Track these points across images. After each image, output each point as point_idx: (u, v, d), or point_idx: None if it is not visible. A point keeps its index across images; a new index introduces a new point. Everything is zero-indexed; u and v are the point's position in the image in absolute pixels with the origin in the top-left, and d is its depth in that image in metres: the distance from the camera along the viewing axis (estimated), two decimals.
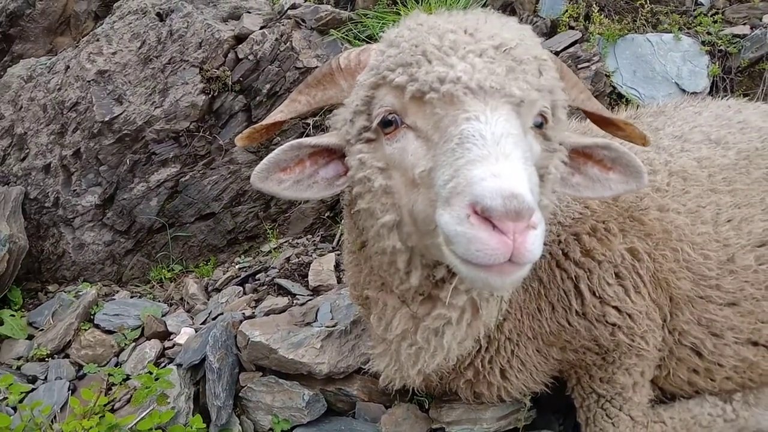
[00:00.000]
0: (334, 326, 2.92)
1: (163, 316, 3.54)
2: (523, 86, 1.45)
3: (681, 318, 2.26)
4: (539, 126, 1.55)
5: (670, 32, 4.46)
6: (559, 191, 1.73)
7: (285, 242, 4.32)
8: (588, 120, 2.06)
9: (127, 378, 2.96)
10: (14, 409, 2.67)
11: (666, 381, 2.44)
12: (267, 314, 3.13)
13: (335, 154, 1.72)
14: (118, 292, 4.11)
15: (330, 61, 1.82)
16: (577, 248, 2.19)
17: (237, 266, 4.11)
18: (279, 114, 1.86)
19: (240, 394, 2.85)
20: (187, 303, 3.74)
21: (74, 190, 4.46)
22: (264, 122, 1.86)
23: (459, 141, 1.35)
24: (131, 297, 3.93)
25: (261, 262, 4.07)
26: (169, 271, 4.35)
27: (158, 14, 4.63)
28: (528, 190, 1.26)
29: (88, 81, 4.46)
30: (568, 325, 2.22)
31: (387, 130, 1.53)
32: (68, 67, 4.62)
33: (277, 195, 1.71)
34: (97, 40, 4.58)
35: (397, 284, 1.78)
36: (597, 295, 2.17)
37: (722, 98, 3.00)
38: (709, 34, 4.41)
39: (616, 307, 2.18)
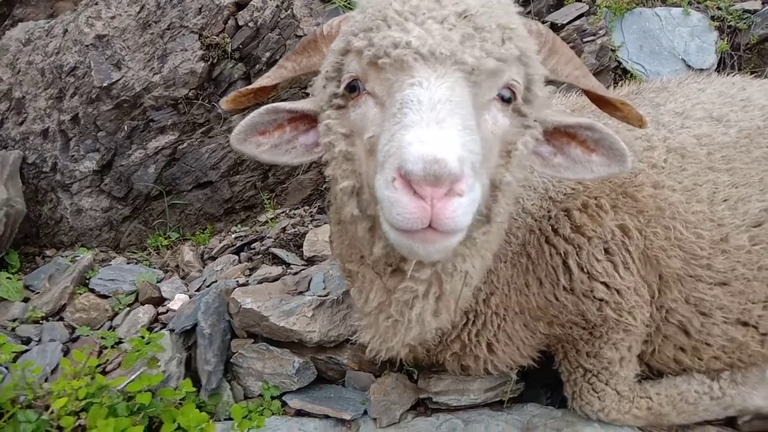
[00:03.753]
0: (326, 295, 2.93)
1: (158, 282, 3.57)
2: (478, 54, 1.42)
3: (669, 296, 2.25)
4: (508, 100, 1.53)
5: (680, 6, 4.35)
6: (540, 170, 1.72)
7: (282, 213, 4.32)
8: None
9: (120, 342, 2.99)
10: (6, 368, 2.71)
11: (652, 358, 2.44)
12: (260, 282, 3.15)
13: (315, 121, 1.71)
14: (115, 258, 4.13)
15: (317, 28, 1.80)
16: (567, 224, 2.17)
17: (233, 235, 4.12)
18: (266, 79, 1.86)
19: (231, 360, 2.88)
20: (183, 270, 3.76)
21: (72, 156, 4.45)
22: (250, 86, 1.86)
23: (399, 106, 1.36)
24: (127, 263, 3.95)
25: (257, 231, 4.08)
26: (165, 238, 4.36)
27: None
28: (455, 157, 1.24)
29: (87, 45, 4.41)
30: (555, 300, 2.21)
31: (353, 96, 1.54)
32: (66, 30, 4.57)
33: (255, 158, 1.73)
34: (96, 3, 4.51)
35: (367, 255, 1.78)
36: (585, 270, 2.16)
37: (729, 75, 2.93)
38: (719, 9, 4.31)
39: (604, 283, 2.17)
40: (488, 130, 1.49)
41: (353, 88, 1.54)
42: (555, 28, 4.35)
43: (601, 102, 1.87)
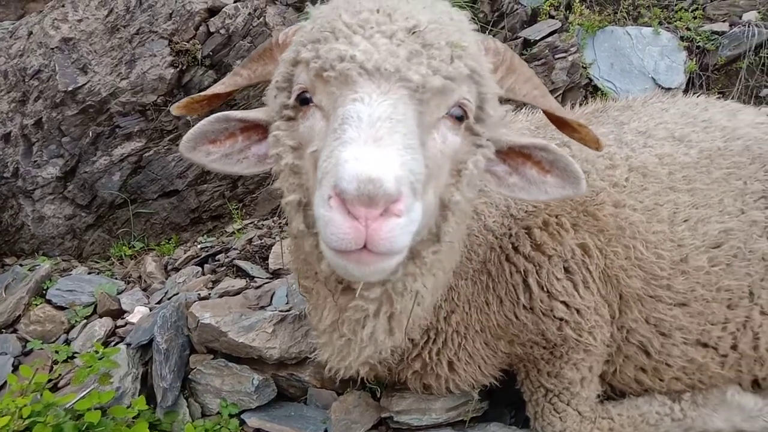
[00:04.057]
0: (288, 311, 2.87)
1: (118, 294, 3.46)
2: (424, 71, 1.39)
3: (629, 315, 2.24)
4: (459, 118, 1.50)
5: (650, 26, 4.42)
6: (495, 190, 1.71)
7: (250, 223, 4.24)
8: None
9: (74, 356, 2.89)
10: None
11: (614, 378, 2.43)
12: (221, 296, 3.07)
13: (268, 131, 1.66)
14: (76, 267, 4.01)
15: (272, 36, 1.76)
16: (528, 242, 2.15)
17: (199, 246, 4.03)
18: (219, 86, 1.83)
19: (189, 376, 2.79)
20: (145, 281, 3.66)
21: (35, 161, 4.32)
22: (203, 93, 1.82)
23: (340, 122, 1.33)
24: (89, 273, 3.83)
25: (223, 242, 4.00)
26: (130, 248, 4.25)
27: None
28: (392, 177, 1.21)
29: (52, 48, 4.30)
30: (516, 319, 2.19)
31: (303, 108, 1.51)
32: (31, 32, 4.45)
33: (205, 167, 1.70)
34: (63, 5, 4.41)
35: (319, 271, 1.73)
36: (545, 289, 2.14)
37: (695, 95, 2.96)
38: (688, 29, 4.38)
39: (564, 302, 2.15)
40: (436, 149, 1.46)
41: (304, 100, 1.50)
42: (527, 44, 4.38)
43: (560, 123, 1.86)
